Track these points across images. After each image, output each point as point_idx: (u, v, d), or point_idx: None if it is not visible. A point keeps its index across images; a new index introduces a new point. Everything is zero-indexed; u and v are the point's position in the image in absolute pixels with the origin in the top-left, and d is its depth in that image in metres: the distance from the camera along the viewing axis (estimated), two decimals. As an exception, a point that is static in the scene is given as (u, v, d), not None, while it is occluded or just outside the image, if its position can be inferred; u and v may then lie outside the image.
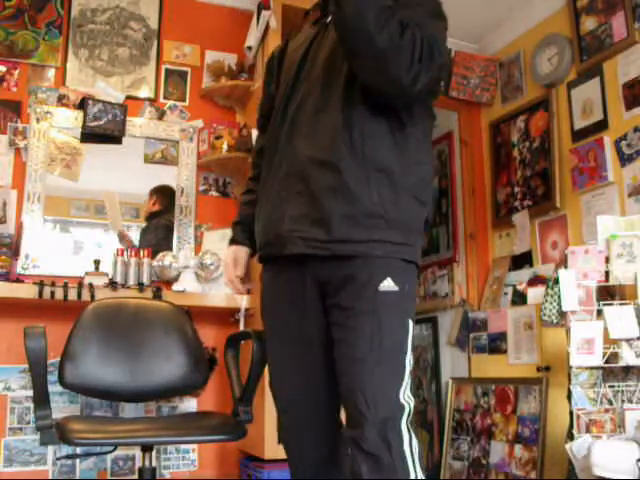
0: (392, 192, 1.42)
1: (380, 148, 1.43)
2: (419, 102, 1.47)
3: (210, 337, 2.74)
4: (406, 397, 1.38)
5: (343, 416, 1.48)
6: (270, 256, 1.55)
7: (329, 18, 1.55)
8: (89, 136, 2.80)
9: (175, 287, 2.66)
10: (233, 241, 1.72)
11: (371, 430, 1.33)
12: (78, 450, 2.51)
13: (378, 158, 1.42)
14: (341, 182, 1.40)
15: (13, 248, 2.57)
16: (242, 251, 1.69)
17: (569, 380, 2.27)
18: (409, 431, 1.36)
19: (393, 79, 1.35)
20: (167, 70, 3.06)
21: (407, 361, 1.40)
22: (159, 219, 2.93)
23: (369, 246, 1.40)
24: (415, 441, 1.36)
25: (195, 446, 2.75)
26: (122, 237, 2.85)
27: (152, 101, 3.00)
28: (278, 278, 1.56)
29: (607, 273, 2.29)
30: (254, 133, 2.72)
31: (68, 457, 2.52)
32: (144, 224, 2.91)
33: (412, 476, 1.32)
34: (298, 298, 1.50)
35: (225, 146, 2.94)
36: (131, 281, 2.63)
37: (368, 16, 1.30)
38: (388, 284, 1.39)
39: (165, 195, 2.94)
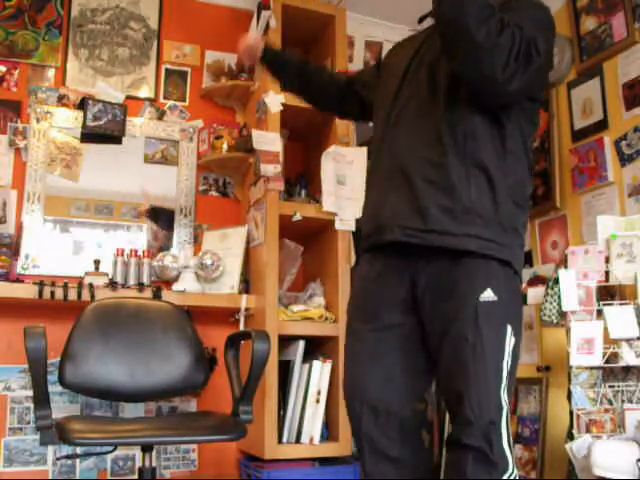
0: (490, 191, 1.46)
1: (481, 147, 1.47)
2: (515, 103, 1.48)
3: (210, 337, 2.73)
4: (505, 398, 1.44)
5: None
6: (371, 246, 1.61)
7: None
8: (89, 136, 2.79)
9: (175, 287, 2.65)
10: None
11: (476, 431, 1.40)
12: (78, 450, 2.51)
13: (478, 157, 1.46)
14: (443, 176, 1.45)
15: (13, 248, 2.57)
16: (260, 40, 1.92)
17: (569, 380, 2.27)
18: (507, 429, 1.43)
19: (487, 76, 1.36)
20: (167, 70, 3.06)
21: (505, 364, 1.45)
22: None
23: (462, 240, 1.44)
24: (511, 438, 1.44)
25: (195, 446, 2.74)
26: None
27: (152, 101, 3.00)
28: (374, 266, 1.60)
29: (607, 273, 2.30)
30: (254, 133, 2.72)
31: (68, 457, 2.52)
32: (144, 224, 2.90)
33: (508, 472, 1.41)
34: (389, 289, 1.55)
35: (225, 146, 2.94)
36: (131, 281, 2.63)
37: (468, 10, 1.31)
38: (488, 294, 1.45)
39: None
